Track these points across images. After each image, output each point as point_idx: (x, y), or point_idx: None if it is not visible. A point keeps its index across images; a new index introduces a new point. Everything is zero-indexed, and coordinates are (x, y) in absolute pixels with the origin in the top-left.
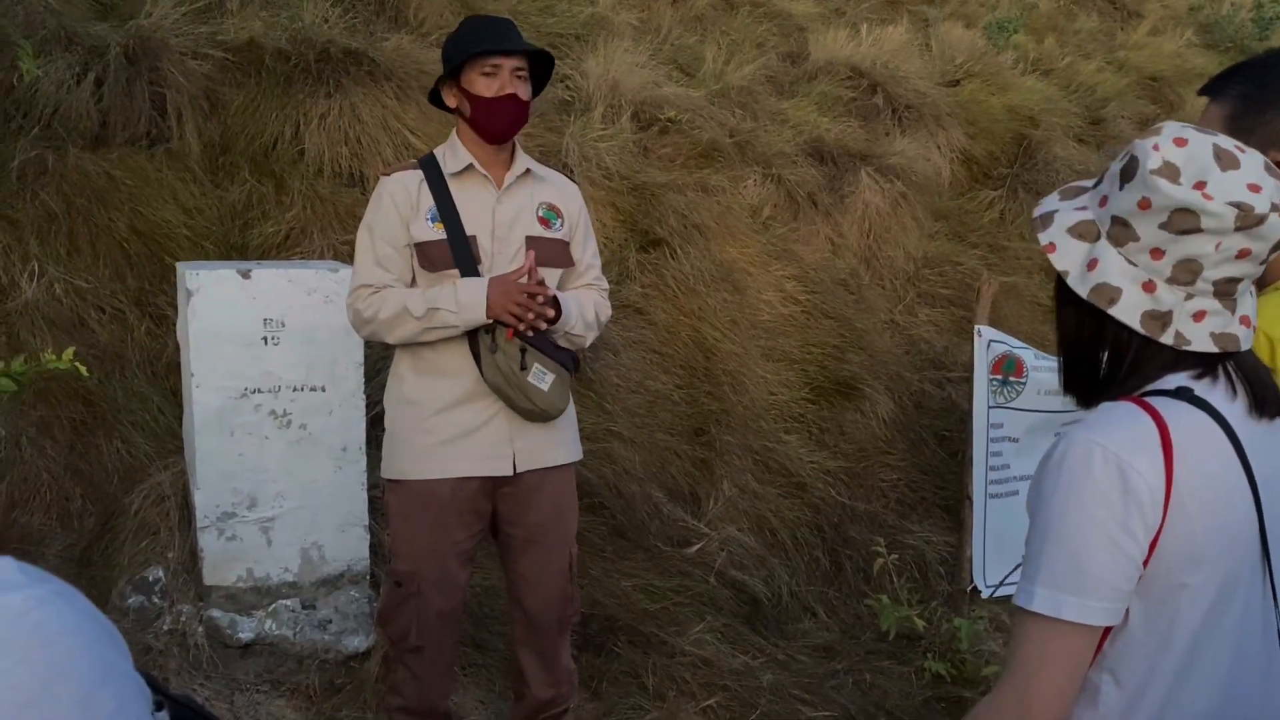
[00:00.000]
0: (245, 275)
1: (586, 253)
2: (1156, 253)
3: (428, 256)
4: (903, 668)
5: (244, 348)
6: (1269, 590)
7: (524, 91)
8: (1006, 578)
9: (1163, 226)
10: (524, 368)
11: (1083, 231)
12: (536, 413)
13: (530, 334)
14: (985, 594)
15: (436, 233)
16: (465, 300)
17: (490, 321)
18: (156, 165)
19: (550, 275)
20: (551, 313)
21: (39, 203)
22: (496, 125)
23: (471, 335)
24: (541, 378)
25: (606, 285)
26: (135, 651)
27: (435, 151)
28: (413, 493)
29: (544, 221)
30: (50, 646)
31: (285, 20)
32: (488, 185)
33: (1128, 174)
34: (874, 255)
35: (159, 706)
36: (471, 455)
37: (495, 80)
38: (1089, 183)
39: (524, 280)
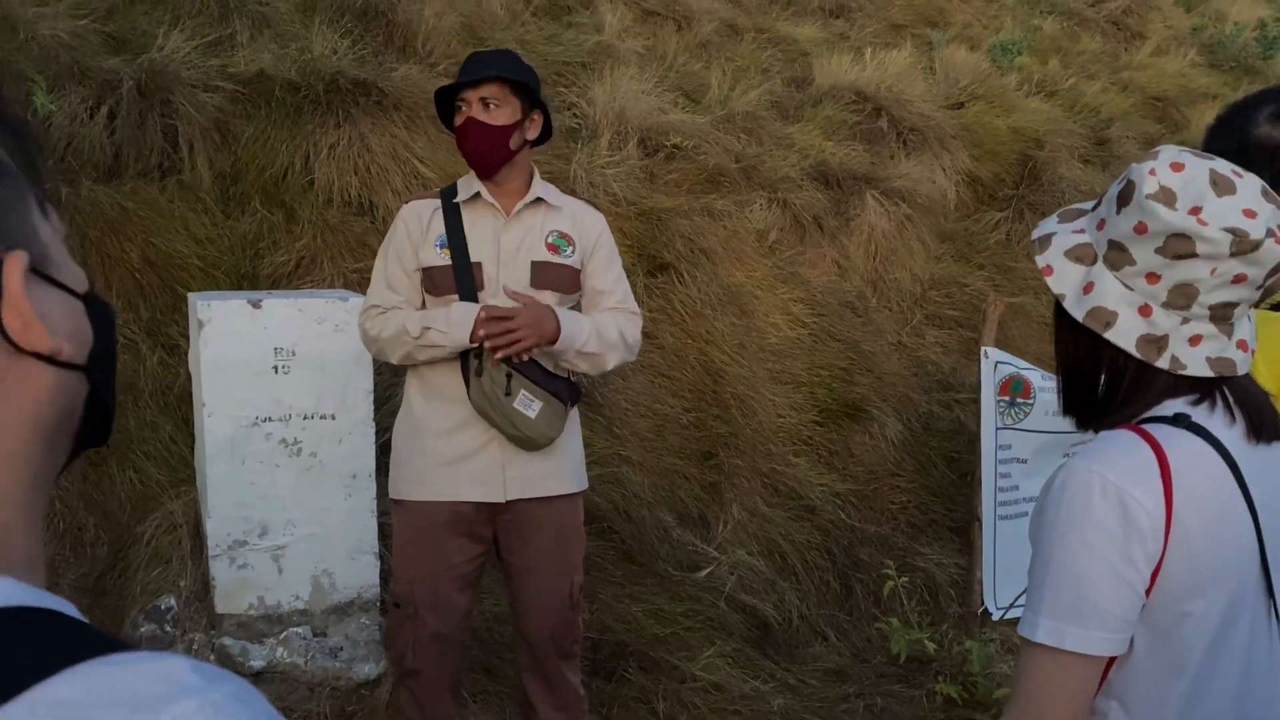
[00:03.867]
0: (256, 305)
1: (608, 278)
2: (1152, 277)
3: (433, 281)
4: (914, 691)
5: (255, 377)
6: (1273, 616)
7: (498, 117)
8: (1017, 599)
9: (1158, 251)
10: (509, 393)
11: (1080, 255)
12: (523, 439)
13: (518, 360)
14: (996, 616)
15: (443, 258)
16: (455, 320)
17: (475, 345)
18: (168, 196)
19: (553, 299)
20: (524, 333)
21: None
22: (467, 153)
23: (464, 359)
24: (528, 405)
25: (637, 310)
26: None
27: (458, 182)
28: (413, 514)
29: (553, 248)
30: None
31: (295, 52)
32: (495, 213)
33: (1124, 198)
34: (880, 277)
35: None
36: (466, 480)
37: (462, 113)
38: (1088, 205)
39: (489, 306)
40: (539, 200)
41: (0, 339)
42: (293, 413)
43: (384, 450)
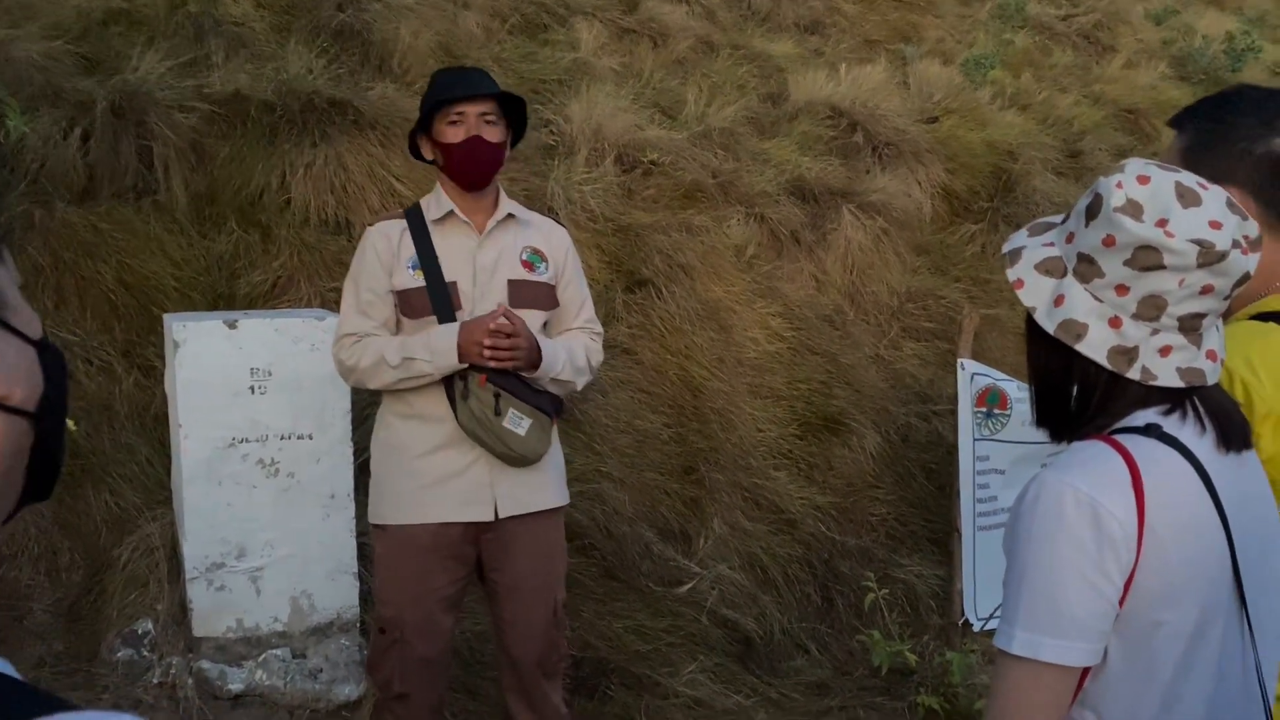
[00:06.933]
0: (232, 325)
1: (579, 295)
2: (1121, 289)
3: (409, 304)
4: (896, 703)
5: (231, 397)
6: (1245, 624)
7: (493, 134)
8: (997, 610)
9: (1127, 263)
10: (499, 413)
11: (1050, 268)
12: (514, 457)
13: (504, 379)
14: (977, 627)
15: (417, 280)
16: (438, 347)
17: (464, 366)
18: (143, 217)
19: (534, 317)
20: (521, 351)
21: (26, 257)
22: (467, 169)
23: (448, 380)
24: (518, 423)
25: (600, 329)
26: (124, 706)
27: (421, 201)
28: (396, 538)
29: (527, 265)
30: None
31: (270, 72)
32: (469, 231)
33: (1092, 211)
34: (858, 291)
35: None
36: (453, 500)
37: (461, 127)
38: (1057, 219)
39: (498, 322)
40: (510, 216)
41: None
42: (270, 433)
43: (362, 469)
